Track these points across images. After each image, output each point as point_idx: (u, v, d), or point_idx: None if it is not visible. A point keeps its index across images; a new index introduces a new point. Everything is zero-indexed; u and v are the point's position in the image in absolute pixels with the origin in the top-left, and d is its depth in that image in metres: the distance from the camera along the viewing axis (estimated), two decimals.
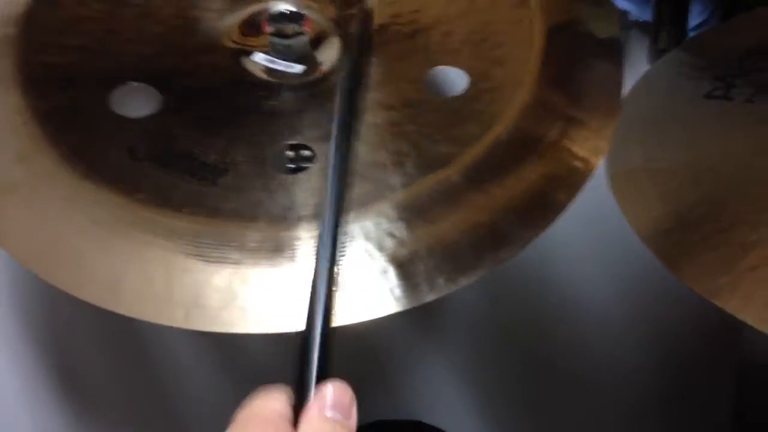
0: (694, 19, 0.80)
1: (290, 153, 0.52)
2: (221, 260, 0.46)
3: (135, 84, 0.54)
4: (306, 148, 0.52)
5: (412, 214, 0.48)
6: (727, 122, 0.55)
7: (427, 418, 0.69)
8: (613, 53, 0.57)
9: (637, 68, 0.59)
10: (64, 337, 0.69)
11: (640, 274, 0.72)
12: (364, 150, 0.50)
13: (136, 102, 0.54)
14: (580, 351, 0.73)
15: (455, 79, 0.55)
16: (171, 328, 0.63)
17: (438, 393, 0.71)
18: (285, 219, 0.47)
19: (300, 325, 0.40)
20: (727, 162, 0.53)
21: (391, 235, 0.47)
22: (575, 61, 0.56)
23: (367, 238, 0.46)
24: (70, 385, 0.69)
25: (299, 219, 0.47)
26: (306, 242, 0.46)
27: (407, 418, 0.69)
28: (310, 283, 0.40)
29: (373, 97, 0.53)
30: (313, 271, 0.41)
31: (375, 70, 0.54)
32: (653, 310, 0.73)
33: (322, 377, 0.37)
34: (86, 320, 0.67)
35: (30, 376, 0.68)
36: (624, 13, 0.81)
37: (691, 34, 0.80)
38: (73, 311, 0.66)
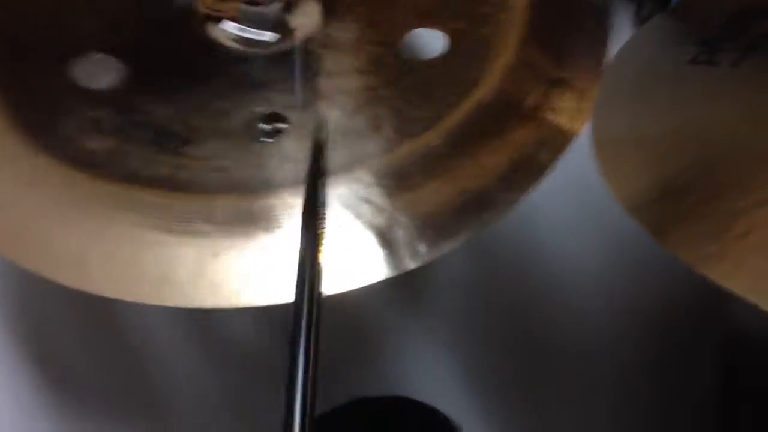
0: None
1: (262, 122, 0.50)
2: (190, 233, 0.44)
3: (97, 55, 0.52)
4: (278, 116, 0.50)
5: (392, 180, 0.46)
6: (712, 88, 0.54)
7: (414, 394, 0.67)
8: (599, 14, 0.55)
9: (621, 37, 0.58)
10: (40, 323, 0.67)
11: (626, 244, 0.70)
12: (340, 116, 0.48)
13: (98, 74, 0.51)
14: (566, 321, 0.71)
15: (434, 40, 0.52)
16: (150, 307, 0.61)
17: (424, 367, 0.69)
18: (256, 189, 0.45)
19: (273, 298, 0.38)
20: (713, 128, 0.52)
21: (369, 201, 0.44)
22: (560, 21, 0.54)
23: (344, 205, 0.44)
24: (49, 370, 0.67)
25: (271, 188, 0.45)
26: (279, 212, 0.44)
27: (393, 395, 0.67)
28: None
29: (348, 62, 0.51)
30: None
31: (350, 33, 0.52)
32: (639, 279, 0.71)
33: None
34: (62, 303, 0.65)
35: (7, 363, 0.66)
36: None
37: (675, 3, 0.78)
38: (47, 295, 0.65)
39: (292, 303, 0.38)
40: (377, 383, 0.68)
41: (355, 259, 0.43)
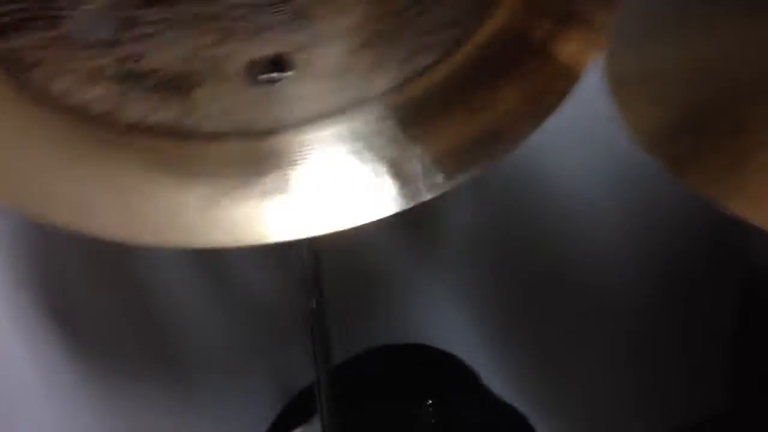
0: None
1: (266, 63, 0.49)
2: (198, 175, 0.42)
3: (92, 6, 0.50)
4: (282, 56, 0.48)
5: (405, 113, 0.44)
6: (729, 17, 0.52)
7: (429, 339, 0.66)
8: None
9: None
10: (55, 275, 0.66)
11: (641, 180, 0.69)
12: (346, 53, 0.47)
13: (99, 23, 0.50)
14: (581, 260, 0.70)
15: None
16: (162, 252, 0.60)
17: (439, 313, 0.68)
18: (265, 129, 0.44)
19: (282, 235, 0.36)
20: (731, 61, 0.50)
21: (382, 134, 0.43)
22: None
23: (356, 138, 0.43)
24: (64, 320, 0.66)
25: (281, 128, 0.44)
26: (284, 152, 0.43)
27: (409, 341, 0.66)
28: None
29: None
30: None
31: None
32: (656, 216, 0.70)
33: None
34: (77, 256, 0.64)
35: (25, 316, 0.65)
36: None
37: None
38: (62, 247, 0.64)
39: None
40: (393, 330, 0.67)
41: (371, 190, 0.42)
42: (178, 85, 0.46)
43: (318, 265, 0.54)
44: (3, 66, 0.47)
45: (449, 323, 0.69)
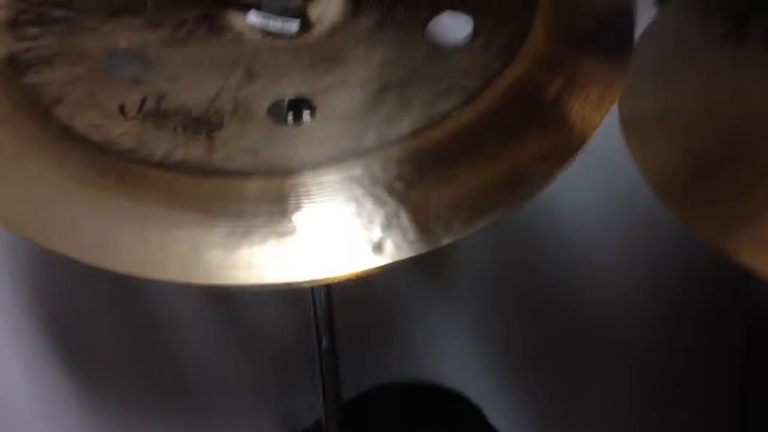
0: None
1: (289, 105, 0.50)
2: (220, 213, 0.43)
3: (124, 46, 0.51)
4: (304, 99, 0.49)
5: (424, 159, 0.45)
6: (741, 66, 0.53)
7: (436, 377, 0.66)
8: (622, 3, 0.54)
9: (642, 11, 0.57)
10: (67, 304, 0.66)
11: (648, 222, 0.69)
12: (367, 98, 0.48)
13: (125, 61, 0.51)
14: (587, 299, 0.71)
15: (459, 26, 0.52)
16: (175, 290, 0.60)
17: (446, 351, 0.68)
18: (286, 169, 0.44)
19: (301, 276, 0.36)
20: (743, 109, 0.50)
21: (401, 178, 0.44)
22: (583, 9, 0.53)
23: (375, 182, 0.43)
24: (75, 351, 0.66)
25: (301, 168, 0.44)
26: (304, 192, 0.43)
27: (416, 379, 0.66)
28: None
29: (375, 46, 0.51)
30: None
31: (374, 19, 0.52)
32: (661, 258, 0.70)
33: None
34: (90, 286, 0.64)
35: (35, 346, 0.65)
36: None
37: None
38: (75, 277, 0.64)
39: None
40: (401, 366, 0.67)
41: (389, 235, 0.42)
42: (201, 123, 0.47)
43: (330, 304, 0.54)
44: (28, 102, 0.48)
45: (456, 361, 0.69)
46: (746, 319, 0.71)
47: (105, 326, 0.66)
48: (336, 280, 0.41)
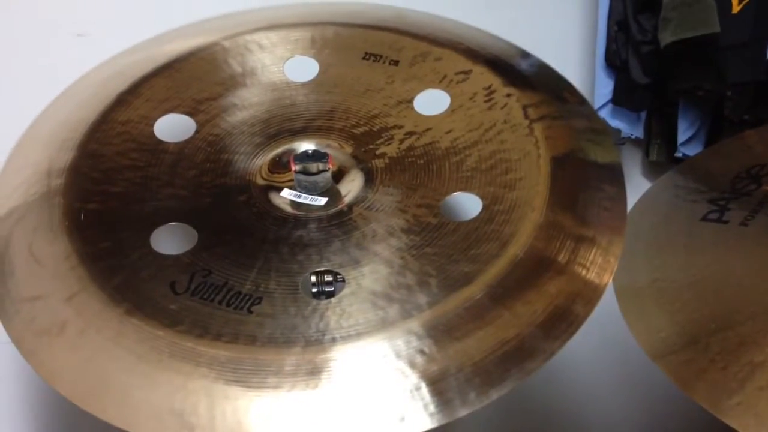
0: (683, 134, 0.83)
1: (319, 279, 0.53)
2: (260, 386, 0.46)
3: (173, 224, 0.56)
4: (334, 273, 0.53)
5: (440, 331, 0.48)
6: (724, 244, 0.56)
7: None
8: (615, 176, 0.58)
9: (632, 180, 0.60)
10: None
11: (647, 388, 0.71)
12: (390, 272, 0.51)
13: (174, 240, 0.55)
14: None
15: (469, 203, 0.56)
16: None
17: None
18: (319, 342, 0.48)
19: None
20: (729, 283, 0.53)
21: (422, 352, 0.47)
22: (580, 184, 0.57)
23: (399, 356, 0.47)
24: None
25: (333, 341, 0.48)
26: (340, 364, 0.47)
27: None
28: None
29: (395, 223, 0.55)
30: None
31: (394, 198, 0.56)
32: (660, 422, 0.71)
33: None
34: None
35: None
36: (617, 131, 0.84)
37: (681, 148, 0.82)
38: None
39: None
40: None
41: (411, 408, 0.45)
42: (243, 298, 0.51)
43: None
44: (97, 282, 0.52)
45: None
46: None
47: None
48: None
